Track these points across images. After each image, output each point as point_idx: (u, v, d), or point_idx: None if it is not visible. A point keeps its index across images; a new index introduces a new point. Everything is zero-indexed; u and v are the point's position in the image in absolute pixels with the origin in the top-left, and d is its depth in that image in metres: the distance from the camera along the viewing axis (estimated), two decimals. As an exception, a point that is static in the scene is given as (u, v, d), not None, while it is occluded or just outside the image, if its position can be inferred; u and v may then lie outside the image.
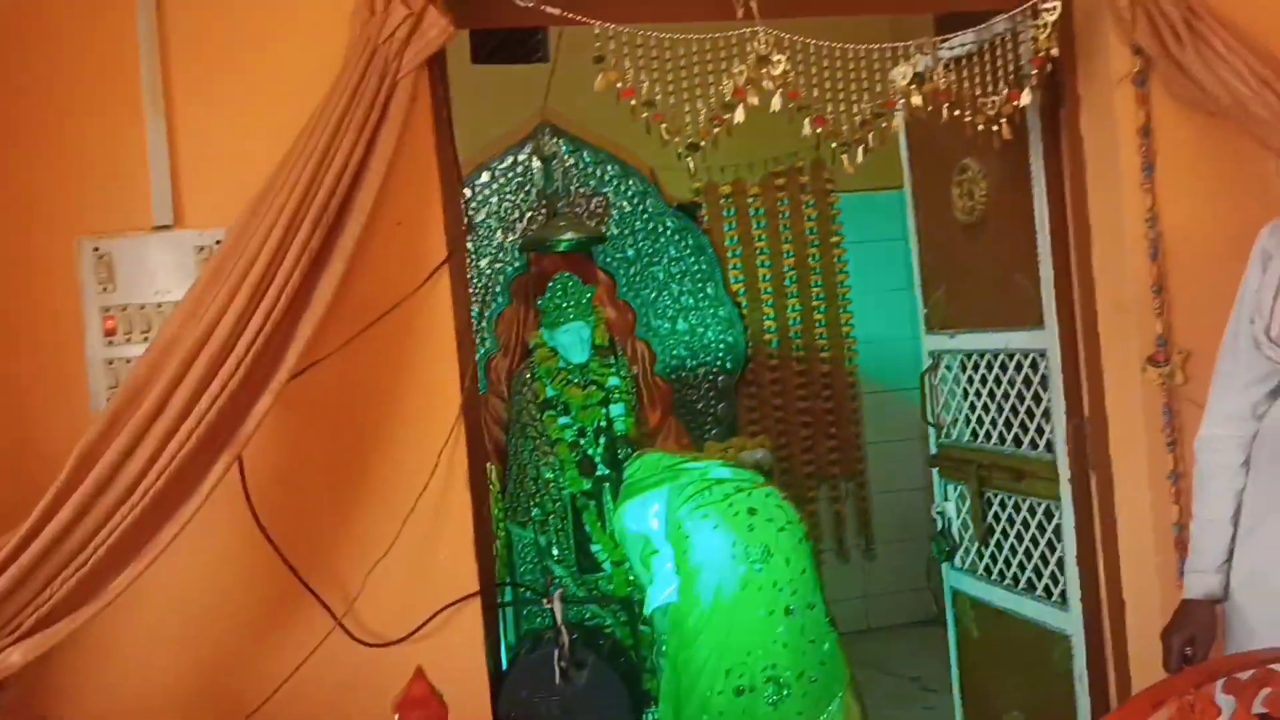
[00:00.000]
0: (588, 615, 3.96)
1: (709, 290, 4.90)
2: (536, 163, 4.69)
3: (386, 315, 2.35)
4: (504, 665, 2.74)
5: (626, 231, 4.80)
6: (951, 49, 2.71)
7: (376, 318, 2.34)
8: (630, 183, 4.77)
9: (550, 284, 4.35)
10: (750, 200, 5.07)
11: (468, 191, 4.58)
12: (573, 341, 4.33)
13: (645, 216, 4.82)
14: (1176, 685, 1.50)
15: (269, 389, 2.12)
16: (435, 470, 2.38)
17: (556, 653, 2.52)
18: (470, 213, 4.58)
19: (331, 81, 2.23)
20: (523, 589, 3.75)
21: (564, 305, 4.33)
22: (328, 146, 2.18)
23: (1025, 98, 2.61)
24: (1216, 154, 2.70)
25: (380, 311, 2.35)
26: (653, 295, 4.84)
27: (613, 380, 4.38)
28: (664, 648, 2.94)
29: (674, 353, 4.87)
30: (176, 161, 2.32)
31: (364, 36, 2.27)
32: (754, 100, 2.51)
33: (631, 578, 3.73)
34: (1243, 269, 2.20)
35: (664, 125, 2.48)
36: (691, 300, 4.89)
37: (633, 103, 2.45)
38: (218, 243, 2.24)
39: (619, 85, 2.45)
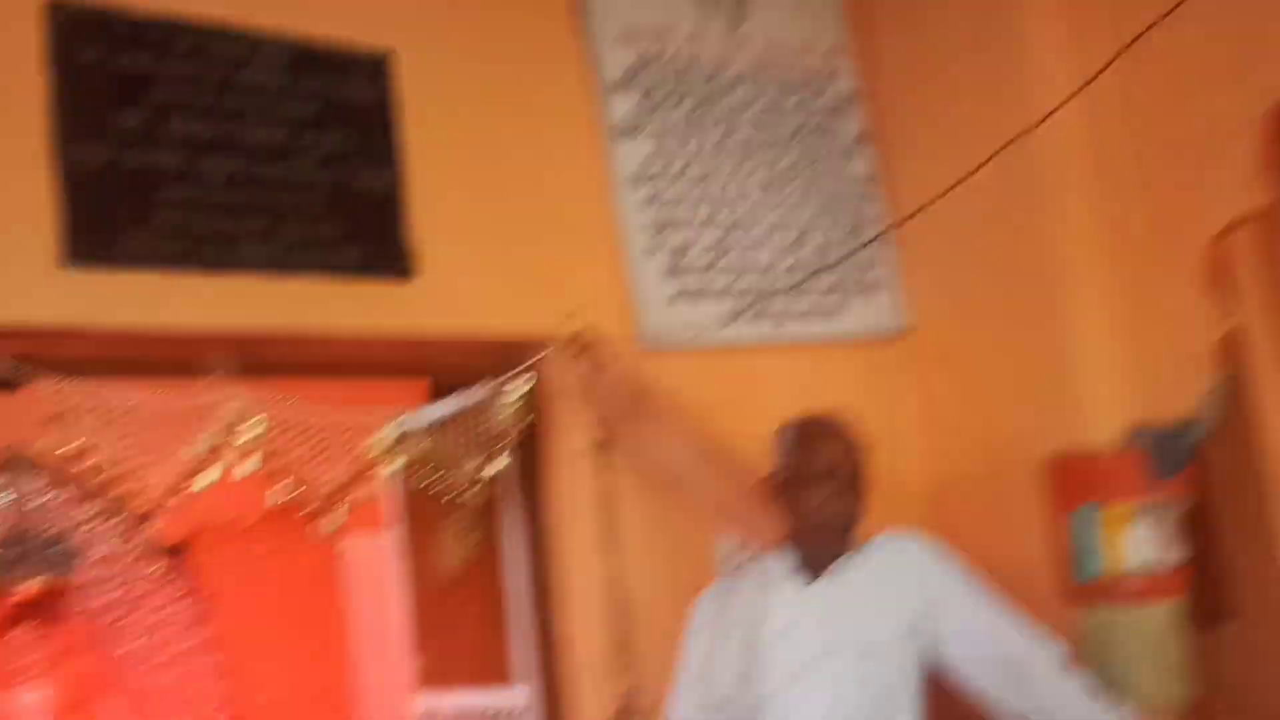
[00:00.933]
0: None
1: (199, 637, 4.57)
2: (3, 499, 4.26)
3: None
4: None
5: (105, 574, 4.40)
6: (433, 414, 2.83)
7: None
8: (112, 522, 4.43)
9: (9, 635, 3.89)
10: (247, 542, 4.86)
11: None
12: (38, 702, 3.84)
13: (128, 559, 4.47)
14: None
15: None
16: None
17: None
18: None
19: None
20: None
21: (28, 661, 3.87)
22: None
23: (499, 464, 2.77)
24: (670, 521, 2.94)
25: None
26: (136, 644, 4.42)
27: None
28: None
29: (162, 706, 4.42)
30: None
31: None
32: (225, 463, 2.46)
33: None
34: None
35: (125, 487, 2.37)
36: (180, 648, 4.52)
37: (88, 464, 2.32)
38: None
39: (75, 445, 2.32)
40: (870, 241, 3.37)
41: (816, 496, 2.41)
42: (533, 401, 2.84)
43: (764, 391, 3.06)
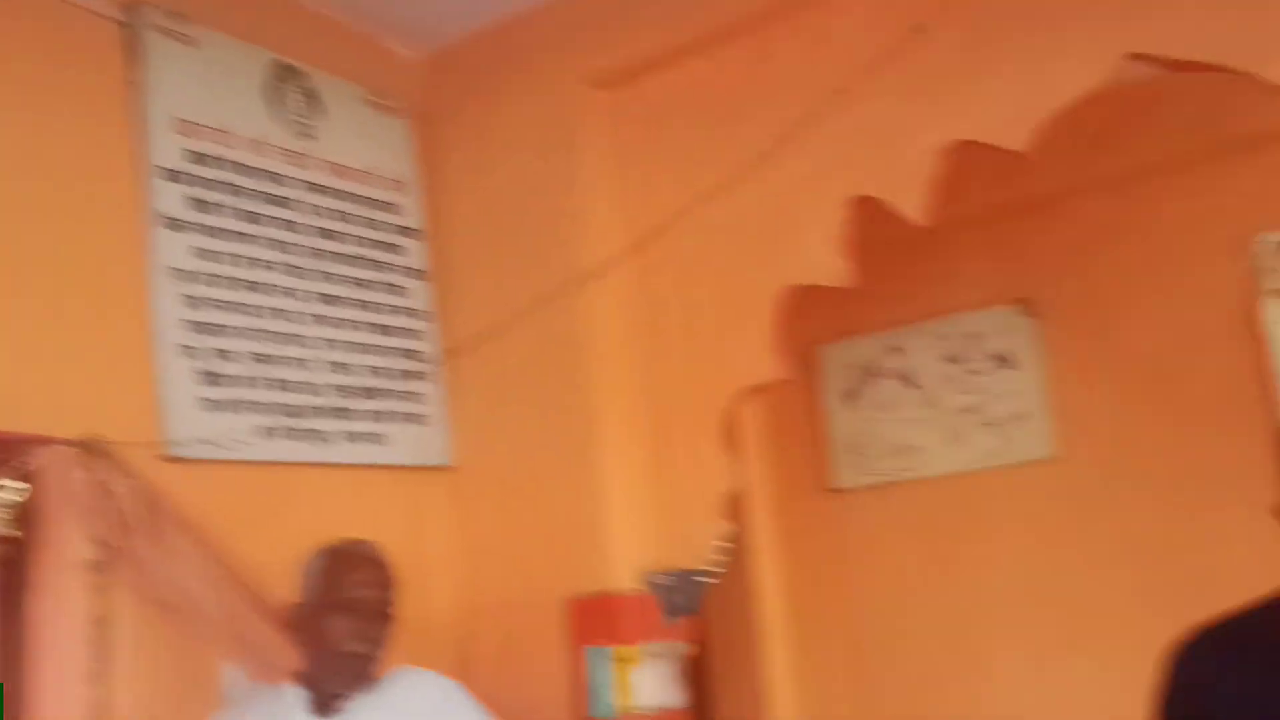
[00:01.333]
0: None
1: None
2: None
3: None
4: None
5: None
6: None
7: None
8: None
9: None
10: None
11: None
12: None
13: None
14: None
15: None
16: None
17: None
18: None
19: None
20: None
21: None
22: None
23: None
24: (175, 647, 2.69)
25: None
26: None
27: None
28: None
29: None
30: None
31: None
32: None
33: None
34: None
35: None
36: None
37: None
38: None
39: None
40: (418, 373, 3.36)
41: (340, 627, 2.33)
42: (23, 509, 2.51)
43: (298, 513, 2.93)
